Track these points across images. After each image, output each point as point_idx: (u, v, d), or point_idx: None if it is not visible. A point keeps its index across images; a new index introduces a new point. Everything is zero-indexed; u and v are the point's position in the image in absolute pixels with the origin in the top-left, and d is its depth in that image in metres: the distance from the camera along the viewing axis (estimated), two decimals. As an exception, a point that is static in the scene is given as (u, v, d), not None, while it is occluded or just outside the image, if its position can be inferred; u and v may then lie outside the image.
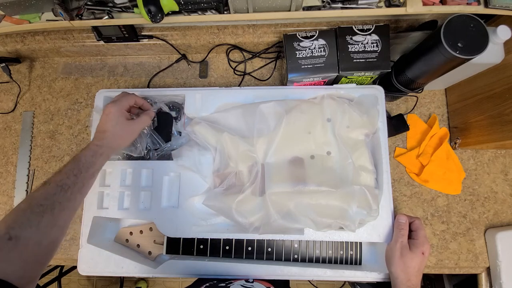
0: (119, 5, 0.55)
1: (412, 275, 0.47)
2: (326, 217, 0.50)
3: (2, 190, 0.71)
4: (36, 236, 0.38)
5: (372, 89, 0.58)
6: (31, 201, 0.40)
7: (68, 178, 0.43)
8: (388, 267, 0.50)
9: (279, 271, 0.55)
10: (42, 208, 0.39)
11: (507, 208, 0.65)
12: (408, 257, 0.48)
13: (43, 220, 0.39)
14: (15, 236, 0.36)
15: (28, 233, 0.37)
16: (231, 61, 0.73)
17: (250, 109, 0.56)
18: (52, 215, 0.40)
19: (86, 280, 1.59)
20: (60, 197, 0.42)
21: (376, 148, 0.57)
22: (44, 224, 0.39)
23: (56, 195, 0.41)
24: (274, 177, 0.53)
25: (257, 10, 0.54)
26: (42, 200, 0.40)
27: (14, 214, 0.39)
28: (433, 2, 0.51)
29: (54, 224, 0.40)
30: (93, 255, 0.56)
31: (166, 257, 0.59)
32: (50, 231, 0.40)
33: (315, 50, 0.57)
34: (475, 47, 0.44)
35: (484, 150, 0.67)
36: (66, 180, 0.43)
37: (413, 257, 0.48)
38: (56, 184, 0.42)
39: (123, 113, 0.52)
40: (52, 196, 0.41)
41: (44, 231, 0.39)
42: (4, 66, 0.71)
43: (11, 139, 0.73)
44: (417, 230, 0.51)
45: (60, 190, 0.42)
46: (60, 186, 0.42)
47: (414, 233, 0.51)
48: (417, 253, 0.48)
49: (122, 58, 0.75)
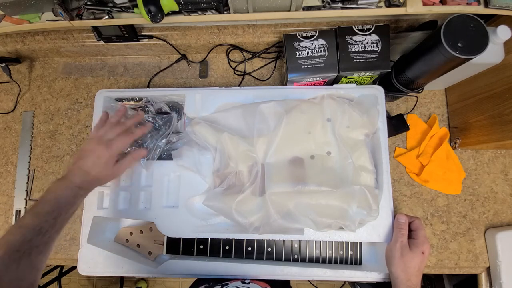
0: (119, 5, 0.55)
1: (412, 274, 0.47)
2: (326, 217, 0.50)
3: (2, 190, 0.71)
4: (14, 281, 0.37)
5: (372, 89, 0.58)
6: (7, 248, 0.39)
7: (46, 222, 0.42)
8: (388, 267, 0.50)
9: (279, 271, 0.55)
10: (19, 254, 0.38)
11: (507, 208, 0.65)
12: (408, 257, 0.48)
13: (20, 265, 0.38)
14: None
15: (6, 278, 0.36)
16: (231, 61, 0.73)
17: (250, 109, 0.56)
18: (29, 260, 0.39)
19: (86, 280, 1.59)
20: (37, 241, 0.40)
21: (376, 148, 0.57)
22: (22, 268, 0.38)
23: (32, 240, 0.40)
24: (274, 177, 0.53)
25: (257, 10, 0.54)
26: (18, 246, 0.39)
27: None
28: (433, 2, 0.51)
29: (32, 267, 0.40)
30: (93, 255, 0.56)
31: (166, 257, 0.59)
32: (28, 275, 0.39)
33: (315, 50, 0.57)
34: (475, 47, 0.44)
35: (484, 150, 0.67)
36: (43, 224, 0.41)
37: (413, 256, 0.48)
38: (33, 229, 0.41)
39: (114, 158, 0.50)
40: (29, 241, 0.40)
41: (22, 275, 0.38)
42: (4, 66, 0.71)
43: (11, 139, 0.73)
44: (417, 230, 0.51)
45: (37, 234, 0.41)
46: (38, 230, 0.41)
47: (414, 232, 0.51)
48: (417, 253, 0.48)
49: (122, 58, 0.75)
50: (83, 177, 0.48)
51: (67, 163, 0.71)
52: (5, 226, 0.70)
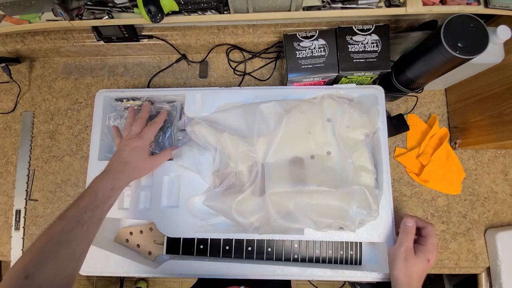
0: (119, 5, 0.55)
1: (414, 279, 0.46)
2: (326, 217, 0.50)
3: (2, 190, 0.71)
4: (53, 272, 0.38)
5: (372, 89, 0.58)
6: (47, 238, 0.40)
7: (85, 213, 0.43)
8: (390, 269, 0.50)
9: (279, 271, 0.55)
10: (59, 245, 0.39)
11: (507, 208, 0.65)
12: (412, 262, 0.47)
13: (59, 255, 0.39)
14: (31, 275, 0.36)
15: (44, 271, 0.37)
16: (231, 61, 0.73)
17: (250, 109, 0.56)
18: (69, 249, 0.40)
19: (86, 280, 1.59)
20: (77, 232, 0.41)
21: (376, 148, 0.57)
22: (62, 258, 0.39)
23: (72, 231, 0.41)
24: (274, 177, 0.53)
25: (257, 10, 0.54)
26: (59, 237, 0.40)
27: (31, 252, 0.38)
28: (433, 2, 0.51)
29: (71, 259, 0.40)
30: (93, 255, 0.56)
31: (166, 257, 0.59)
32: (67, 265, 0.39)
33: (315, 50, 0.57)
34: (475, 47, 0.44)
35: (484, 150, 0.67)
36: (83, 215, 0.42)
37: (417, 262, 0.47)
38: (73, 219, 0.42)
39: (148, 149, 0.54)
40: (69, 232, 0.41)
41: (61, 265, 0.39)
42: (4, 66, 0.71)
43: (11, 139, 0.73)
44: (428, 237, 0.49)
45: (77, 225, 0.41)
46: (77, 221, 0.41)
47: (424, 238, 0.49)
48: (422, 259, 0.47)
49: (122, 58, 0.75)
50: (120, 168, 0.50)
51: (67, 163, 0.71)
52: (5, 226, 0.70)
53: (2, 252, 0.69)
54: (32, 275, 0.36)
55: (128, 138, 0.53)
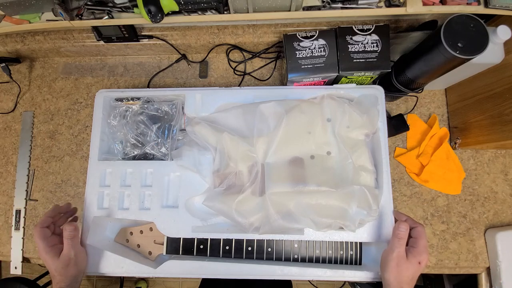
0: (119, 5, 0.55)
1: (404, 282, 0.46)
2: (326, 217, 0.50)
3: (2, 190, 0.71)
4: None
5: (372, 89, 0.58)
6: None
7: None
8: (382, 272, 0.49)
9: (279, 271, 0.55)
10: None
11: (507, 208, 0.65)
12: (404, 267, 0.46)
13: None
14: None
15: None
16: (231, 61, 0.73)
17: (250, 109, 0.56)
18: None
19: (86, 280, 1.59)
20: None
21: (376, 148, 0.57)
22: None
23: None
24: (274, 177, 0.52)
25: (257, 10, 0.54)
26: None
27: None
28: (433, 2, 0.51)
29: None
30: (93, 255, 0.56)
31: (166, 257, 0.59)
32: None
33: (315, 50, 0.57)
34: (475, 47, 0.44)
35: (484, 150, 0.67)
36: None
37: (408, 267, 0.46)
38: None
39: (44, 242, 0.50)
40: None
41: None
42: (4, 66, 0.71)
43: (11, 139, 0.73)
44: (418, 238, 0.48)
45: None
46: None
47: (414, 240, 0.48)
48: (414, 263, 0.46)
49: (122, 58, 0.75)
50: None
51: (67, 163, 0.71)
52: (5, 226, 0.70)
53: (2, 252, 0.69)
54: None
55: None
